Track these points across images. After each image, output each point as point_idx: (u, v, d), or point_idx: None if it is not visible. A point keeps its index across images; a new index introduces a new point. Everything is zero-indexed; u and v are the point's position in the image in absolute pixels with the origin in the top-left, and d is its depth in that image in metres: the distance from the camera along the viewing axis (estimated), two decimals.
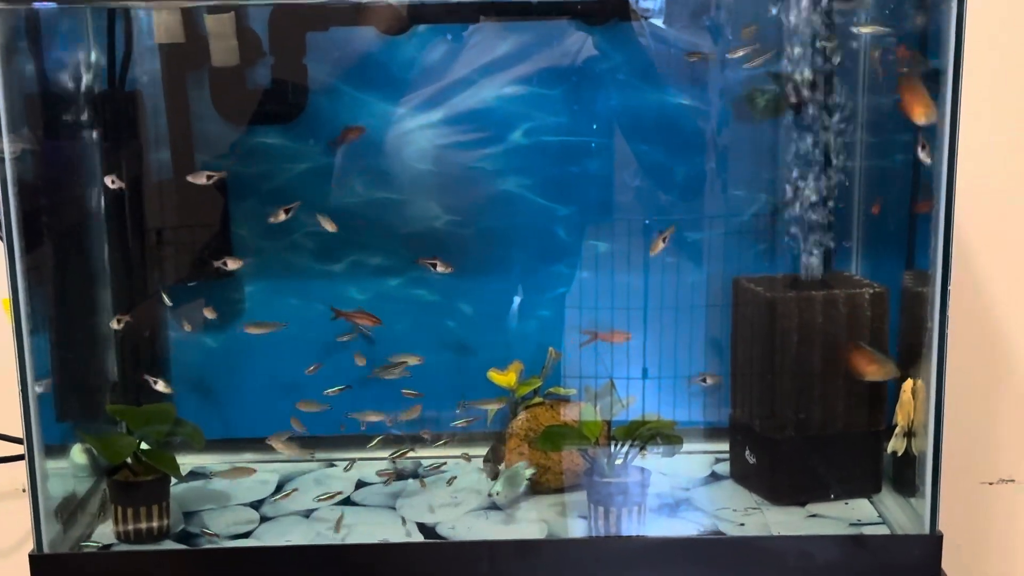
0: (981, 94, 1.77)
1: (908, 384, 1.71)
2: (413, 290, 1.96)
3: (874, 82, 1.84)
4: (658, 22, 1.83)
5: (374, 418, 1.88)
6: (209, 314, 1.86)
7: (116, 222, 1.91)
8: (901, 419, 1.72)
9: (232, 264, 1.77)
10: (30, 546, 1.63)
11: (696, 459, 1.96)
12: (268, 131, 1.92)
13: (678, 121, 1.91)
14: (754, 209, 1.92)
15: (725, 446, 1.92)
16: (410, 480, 1.92)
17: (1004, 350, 2.09)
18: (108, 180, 1.78)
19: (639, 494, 1.71)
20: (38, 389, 1.62)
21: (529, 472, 1.78)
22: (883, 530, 1.70)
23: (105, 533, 1.74)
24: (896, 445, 1.73)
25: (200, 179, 1.73)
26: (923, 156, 1.59)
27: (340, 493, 1.85)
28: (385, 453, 1.92)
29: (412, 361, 1.87)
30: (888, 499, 1.79)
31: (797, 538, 1.67)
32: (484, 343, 1.96)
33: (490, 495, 1.75)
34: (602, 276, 1.95)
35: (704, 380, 1.82)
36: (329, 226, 1.83)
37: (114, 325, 1.82)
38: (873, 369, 1.73)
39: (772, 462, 1.80)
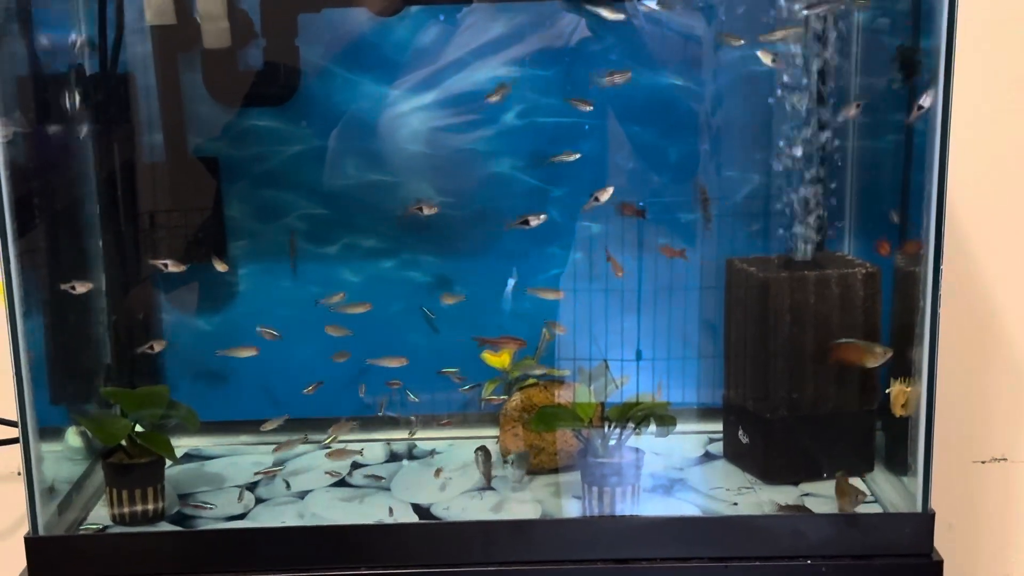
0: (973, 76, 1.77)
1: (898, 389, 1.72)
2: (406, 272, 1.96)
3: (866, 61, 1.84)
4: (651, 3, 1.83)
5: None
6: (174, 267, 1.81)
7: (109, 205, 1.91)
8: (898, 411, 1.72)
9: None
10: (26, 529, 1.63)
11: (690, 439, 1.97)
12: (260, 113, 1.92)
13: (671, 102, 1.91)
14: (747, 190, 1.93)
15: (719, 426, 1.92)
16: (404, 462, 1.93)
17: (996, 329, 2.10)
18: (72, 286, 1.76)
19: (633, 474, 1.71)
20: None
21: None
22: (876, 508, 1.71)
23: (101, 514, 1.75)
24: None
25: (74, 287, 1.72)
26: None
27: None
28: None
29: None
30: (880, 478, 1.80)
31: (790, 517, 1.68)
32: (478, 325, 1.96)
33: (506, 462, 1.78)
34: (596, 257, 1.95)
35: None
36: (220, 267, 1.85)
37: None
38: (867, 357, 1.73)
39: (765, 442, 1.81)
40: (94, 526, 1.72)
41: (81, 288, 1.74)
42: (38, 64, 1.77)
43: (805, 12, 1.74)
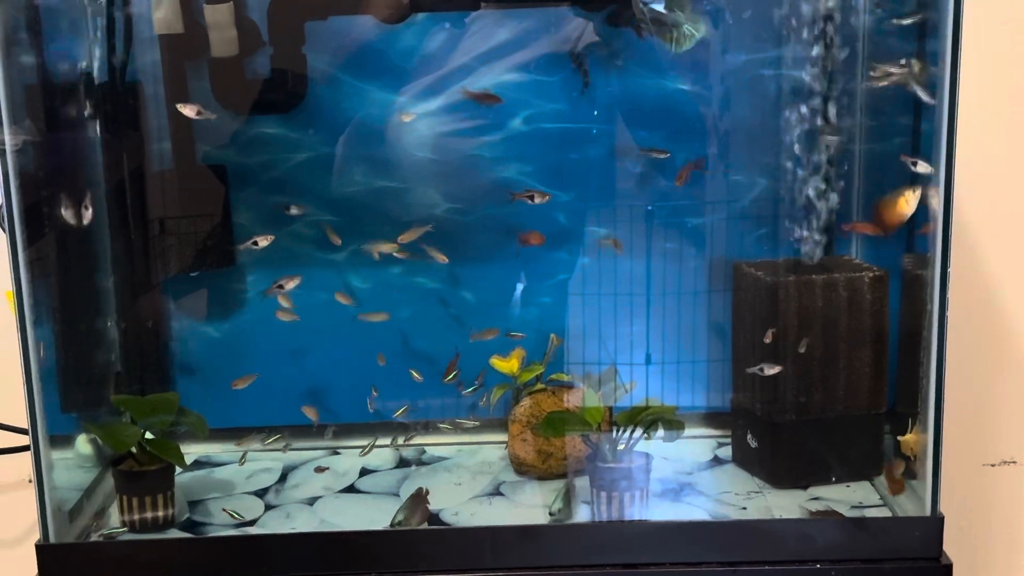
0: (979, 78, 1.76)
1: (913, 439, 1.71)
2: (415, 278, 1.97)
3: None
4: (658, 7, 1.83)
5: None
6: (263, 242, 1.83)
7: (118, 212, 1.92)
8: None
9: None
10: (37, 536, 1.64)
11: (698, 444, 1.97)
12: (268, 120, 1.92)
13: (678, 106, 1.91)
14: (754, 194, 1.93)
15: (727, 430, 1.92)
16: (413, 467, 1.94)
17: (1005, 331, 2.09)
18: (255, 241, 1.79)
19: (641, 479, 1.72)
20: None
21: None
22: (885, 512, 1.71)
23: (111, 521, 1.76)
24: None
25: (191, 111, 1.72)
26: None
27: None
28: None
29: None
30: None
31: (799, 521, 1.68)
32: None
33: (551, 513, 1.73)
34: (604, 262, 1.96)
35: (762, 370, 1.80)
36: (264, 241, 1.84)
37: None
38: (902, 206, 1.67)
39: (774, 446, 1.81)
40: (118, 530, 1.72)
41: (263, 242, 1.78)
42: (47, 73, 1.78)
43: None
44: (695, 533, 1.65)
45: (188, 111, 1.71)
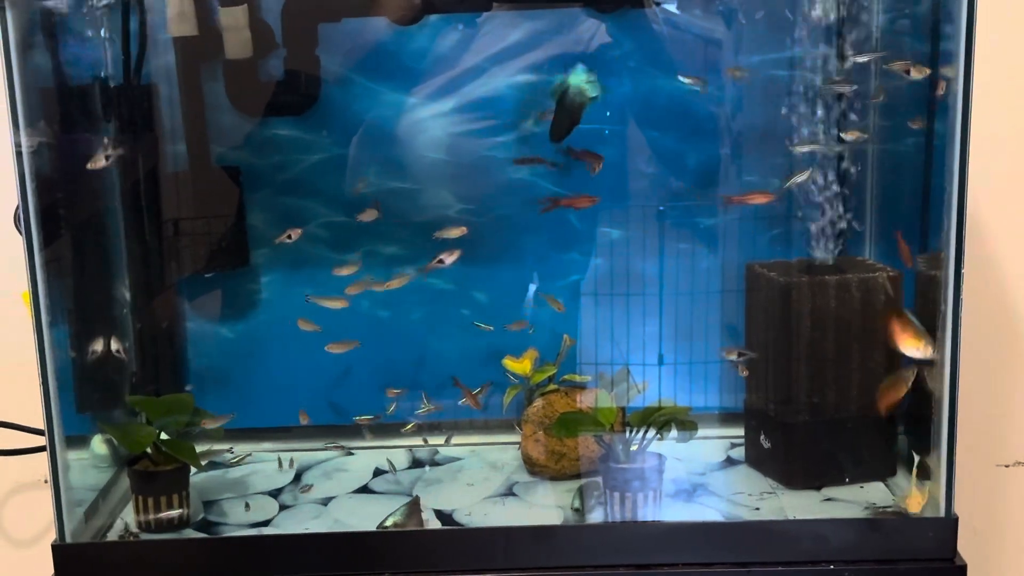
0: (993, 74, 1.76)
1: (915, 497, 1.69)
2: (427, 279, 1.97)
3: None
4: (671, 7, 1.83)
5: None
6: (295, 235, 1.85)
7: (133, 214, 1.93)
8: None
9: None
10: (53, 536, 1.65)
11: (711, 444, 1.97)
12: (282, 122, 1.93)
13: (690, 107, 1.91)
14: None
15: (740, 431, 1.92)
16: (427, 468, 1.94)
17: (1019, 331, 2.09)
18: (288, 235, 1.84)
19: (654, 480, 1.72)
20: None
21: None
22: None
23: (126, 521, 1.77)
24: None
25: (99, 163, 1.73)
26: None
27: None
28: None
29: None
30: (903, 482, 1.79)
31: (812, 522, 1.67)
32: (499, 331, 1.97)
33: (574, 508, 1.74)
34: (616, 263, 1.96)
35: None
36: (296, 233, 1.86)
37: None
38: (912, 343, 1.68)
39: (787, 446, 1.81)
40: (149, 536, 1.74)
41: (295, 234, 1.81)
42: (62, 76, 1.79)
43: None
44: (708, 534, 1.65)
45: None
